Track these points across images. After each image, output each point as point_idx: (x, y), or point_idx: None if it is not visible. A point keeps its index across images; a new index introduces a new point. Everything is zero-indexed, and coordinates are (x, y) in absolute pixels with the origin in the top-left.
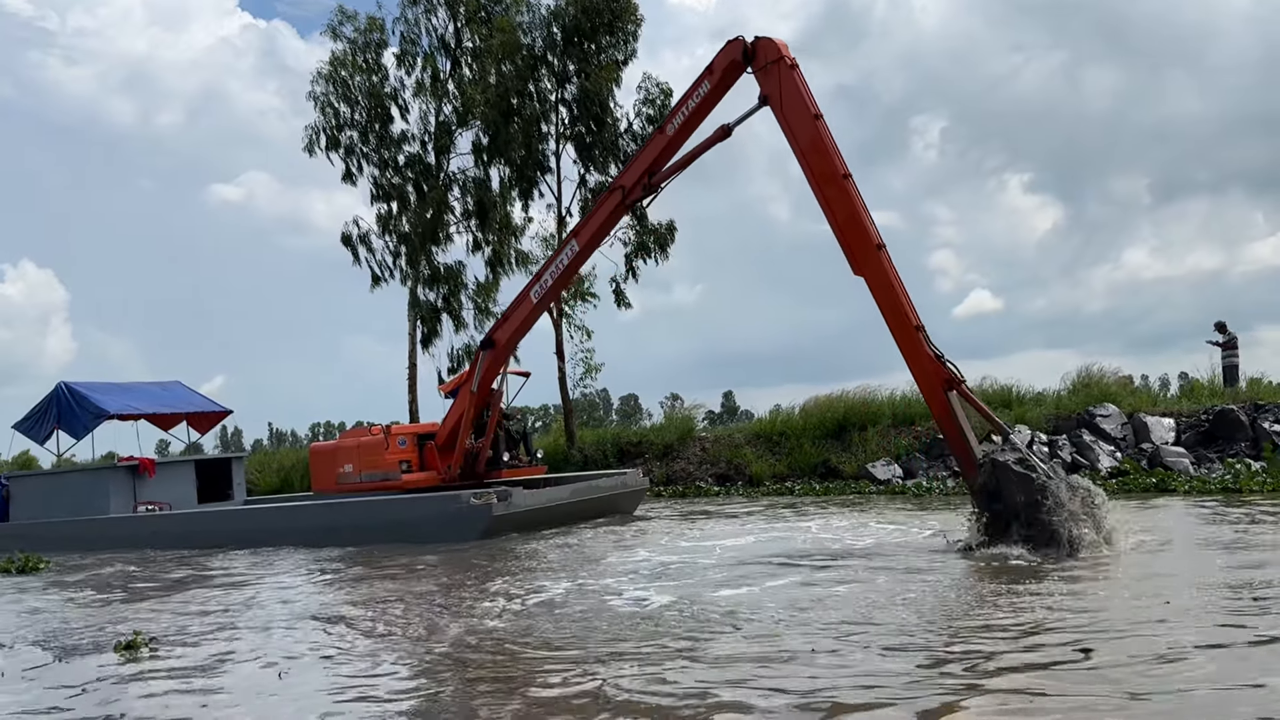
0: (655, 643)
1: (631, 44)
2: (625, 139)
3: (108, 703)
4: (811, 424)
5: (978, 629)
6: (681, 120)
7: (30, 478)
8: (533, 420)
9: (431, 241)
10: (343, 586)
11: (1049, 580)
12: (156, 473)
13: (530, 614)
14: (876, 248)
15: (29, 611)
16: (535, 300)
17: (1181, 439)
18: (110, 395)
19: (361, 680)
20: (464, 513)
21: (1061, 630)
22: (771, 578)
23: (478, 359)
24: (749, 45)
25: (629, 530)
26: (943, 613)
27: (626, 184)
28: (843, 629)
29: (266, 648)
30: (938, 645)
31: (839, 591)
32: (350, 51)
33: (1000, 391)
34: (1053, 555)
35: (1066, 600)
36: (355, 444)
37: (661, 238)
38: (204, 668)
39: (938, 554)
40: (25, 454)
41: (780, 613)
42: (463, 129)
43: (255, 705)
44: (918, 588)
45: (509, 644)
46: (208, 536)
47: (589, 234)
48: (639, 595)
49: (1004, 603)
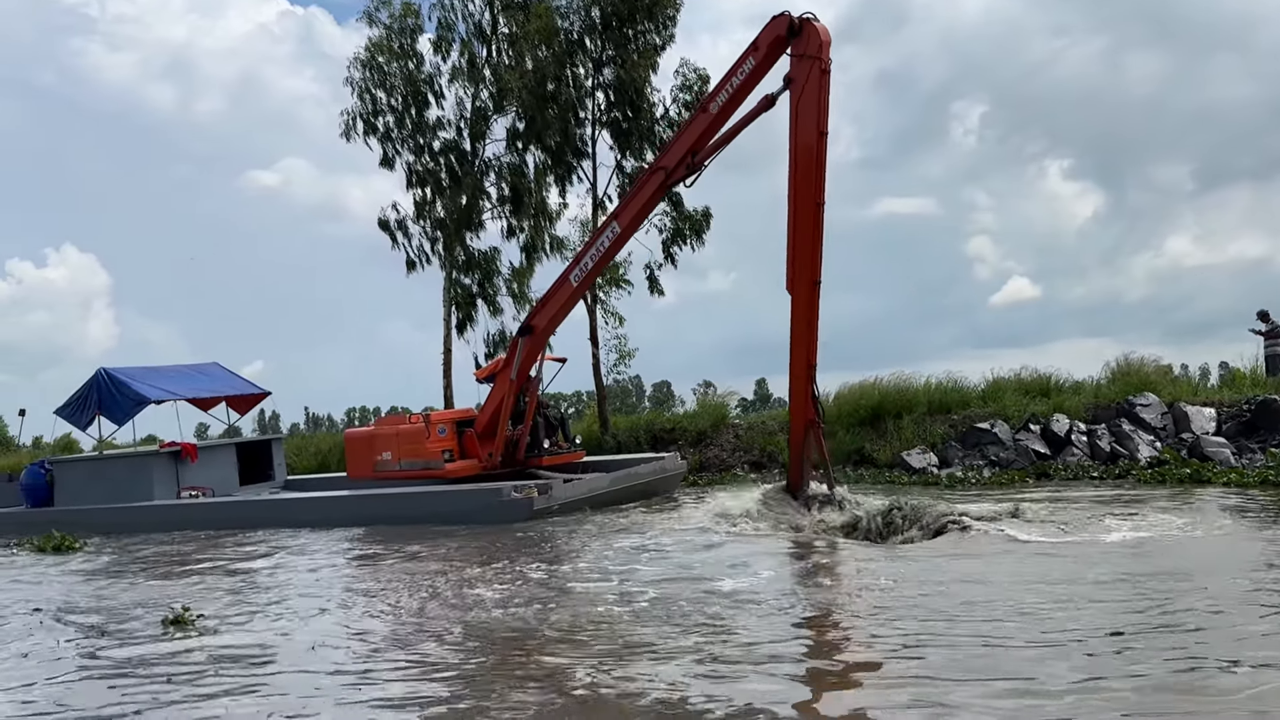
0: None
1: (670, 28)
2: (661, 125)
3: (157, 678)
4: (845, 412)
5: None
6: (725, 98)
7: (74, 463)
8: (566, 406)
9: (466, 227)
10: (380, 568)
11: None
12: (199, 457)
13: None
14: (814, 282)
15: (71, 588)
16: (575, 284)
17: (1223, 429)
18: (149, 381)
19: (395, 659)
20: (504, 506)
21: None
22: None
23: (515, 345)
24: (795, 21)
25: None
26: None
27: (669, 164)
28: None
29: (307, 625)
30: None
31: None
32: (386, 37)
33: (1038, 380)
34: None
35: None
36: (394, 431)
37: (698, 224)
38: (249, 643)
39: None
40: (67, 437)
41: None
42: (498, 115)
43: (298, 680)
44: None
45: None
46: (249, 524)
47: (630, 215)
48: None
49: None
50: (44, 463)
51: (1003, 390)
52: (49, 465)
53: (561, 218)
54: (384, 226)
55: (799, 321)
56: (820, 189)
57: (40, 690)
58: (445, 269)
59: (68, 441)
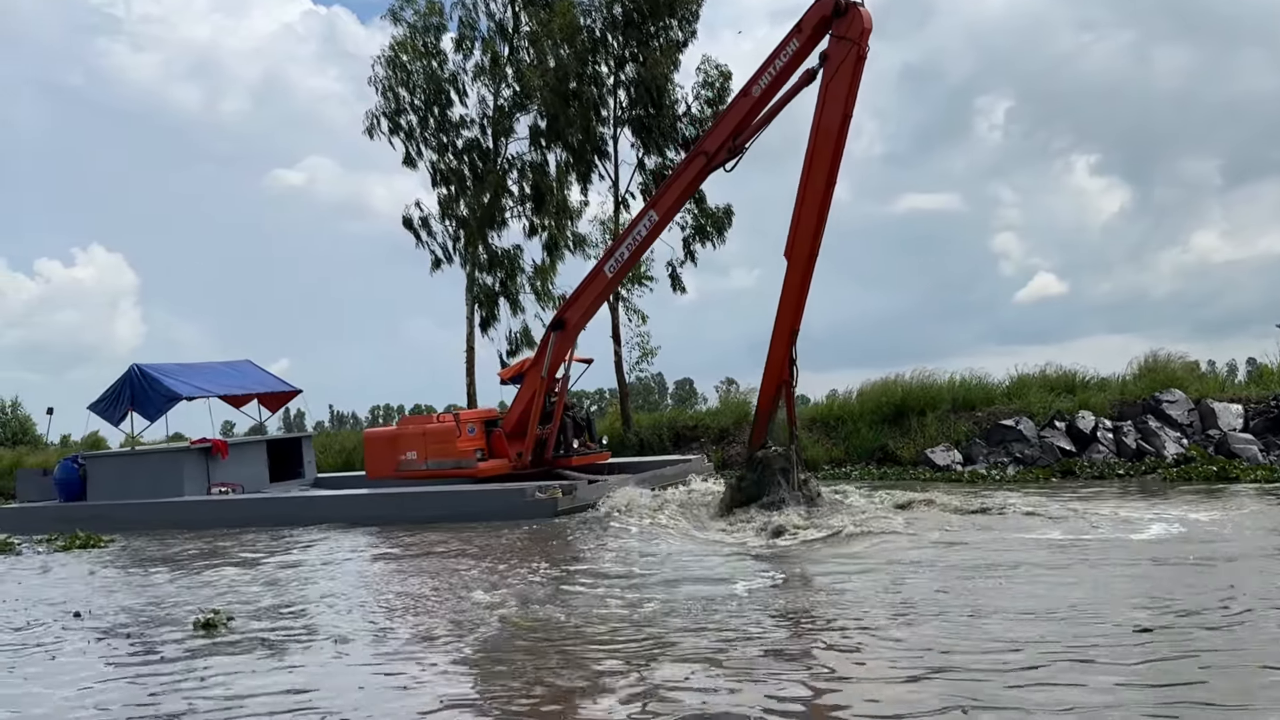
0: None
1: (692, 24)
2: (684, 122)
3: (186, 688)
4: (868, 408)
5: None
6: (769, 80)
7: (106, 458)
8: (589, 404)
9: (489, 226)
10: (406, 568)
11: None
12: (229, 454)
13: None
14: (811, 253)
15: (100, 588)
16: (610, 275)
17: (1250, 425)
18: (182, 378)
19: (423, 660)
20: (529, 506)
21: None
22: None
23: (547, 340)
24: (842, 2)
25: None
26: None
27: (710, 149)
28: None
29: (336, 625)
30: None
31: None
32: (410, 36)
33: (1064, 376)
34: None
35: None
36: (421, 430)
37: (719, 221)
38: (278, 645)
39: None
40: (95, 434)
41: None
42: (520, 113)
43: (331, 684)
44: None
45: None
46: (278, 520)
47: (669, 202)
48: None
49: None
50: (77, 458)
51: (1027, 387)
52: (82, 460)
53: (583, 216)
54: (408, 225)
55: (791, 288)
56: (834, 171)
57: (71, 690)
58: (467, 267)
59: (95, 439)
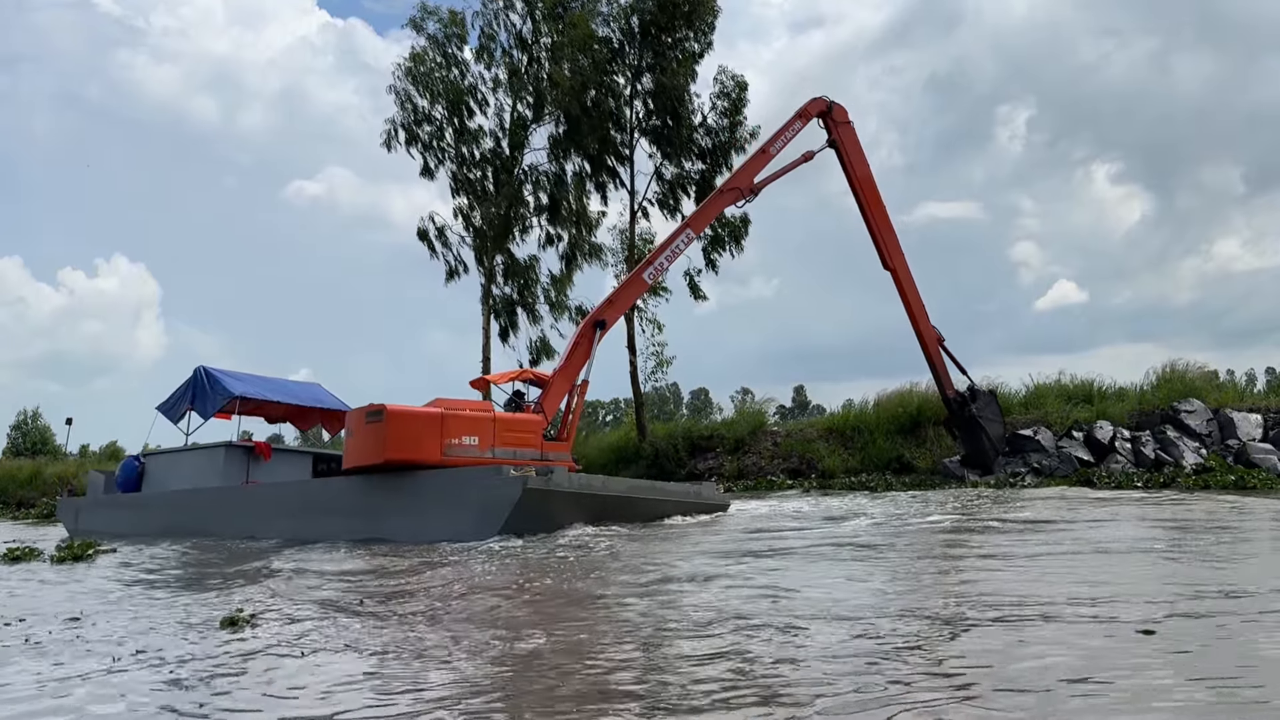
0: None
1: (709, 35)
2: (700, 133)
3: (215, 683)
4: (884, 418)
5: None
6: (780, 146)
7: (159, 454)
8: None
9: (506, 236)
10: (431, 569)
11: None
12: (272, 458)
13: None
14: (900, 253)
15: (114, 591)
16: (650, 282)
17: (1269, 435)
18: (244, 381)
19: (448, 664)
20: (504, 484)
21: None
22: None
23: (591, 340)
24: (829, 103)
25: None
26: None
27: (742, 186)
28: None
29: (350, 629)
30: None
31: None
32: (431, 46)
33: (1081, 385)
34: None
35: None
36: (492, 417)
37: (737, 231)
38: (301, 645)
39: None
40: (113, 445)
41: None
42: (538, 123)
43: (345, 687)
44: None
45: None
46: (300, 509)
47: (703, 224)
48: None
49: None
50: (138, 457)
51: (1045, 396)
52: (142, 459)
53: (600, 225)
54: (423, 237)
55: (909, 281)
56: (880, 197)
57: (91, 689)
58: (484, 277)
59: (114, 449)
